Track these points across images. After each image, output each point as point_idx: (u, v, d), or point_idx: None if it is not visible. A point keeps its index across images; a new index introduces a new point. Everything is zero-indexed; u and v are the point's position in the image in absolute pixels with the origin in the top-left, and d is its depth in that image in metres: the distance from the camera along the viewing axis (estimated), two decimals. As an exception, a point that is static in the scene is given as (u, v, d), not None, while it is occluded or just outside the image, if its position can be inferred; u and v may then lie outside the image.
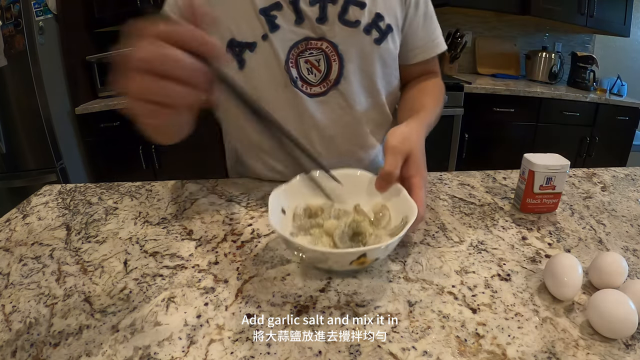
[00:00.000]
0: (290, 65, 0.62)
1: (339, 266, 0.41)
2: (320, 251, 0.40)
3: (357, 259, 0.38)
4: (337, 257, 0.39)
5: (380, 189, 0.48)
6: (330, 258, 0.40)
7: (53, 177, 1.93)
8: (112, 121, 2.02)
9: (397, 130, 0.50)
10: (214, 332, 0.35)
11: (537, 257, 0.46)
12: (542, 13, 2.28)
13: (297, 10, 0.59)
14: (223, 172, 2.20)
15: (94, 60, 2.07)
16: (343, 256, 0.39)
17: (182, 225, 0.54)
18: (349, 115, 0.67)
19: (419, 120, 0.56)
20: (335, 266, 0.41)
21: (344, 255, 0.39)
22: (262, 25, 0.59)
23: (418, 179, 0.47)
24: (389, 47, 0.66)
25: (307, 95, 0.64)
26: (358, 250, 0.38)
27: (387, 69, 0.68)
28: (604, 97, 2.18)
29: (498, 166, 0.76)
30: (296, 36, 0.61)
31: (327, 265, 0.41)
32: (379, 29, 0.63)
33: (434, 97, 0.69)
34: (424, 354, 0.33)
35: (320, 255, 0.40)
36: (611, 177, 0.72)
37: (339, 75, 0.64)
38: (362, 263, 0.40)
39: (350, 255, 0.38)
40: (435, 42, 0.71)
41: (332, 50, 0.62)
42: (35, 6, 1.79)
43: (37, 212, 0.60)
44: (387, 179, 0.47)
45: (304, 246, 0.38)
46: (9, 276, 0.44)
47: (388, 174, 0.47)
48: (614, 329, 0.33)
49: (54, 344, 0.35)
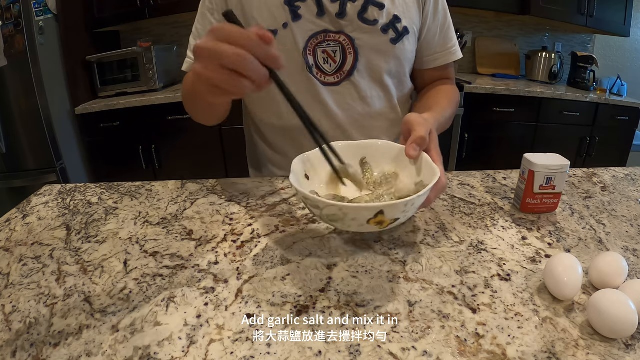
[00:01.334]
0: (308, 52, 0.66)
1: (357, 225, 0.40)
2: (337, 206, 0.38)
3: (374, 217, 0.37)
4: (354, 213, 0.38)
5: (412, 154, 0.47)
6: (348, 214, 0.38)
7: (53, 177, 1.93)
8: (112, 121, 2.02)
9: (413, 113, 0.51)
10: (214, 332, 0.35)
11: (537, 257, 0.46)
12: (542, 13, 2.28)
13: (319, 3, 0.63)
14: (223, 172, 2.21)
15: (94, 60, 2.07)
16: (359, 211, 0.38)
17: (182, 225, 0.54)
18: (360, 108, 0.70)
19: (431, 113, 0.57)
20: (354, 225, 0.40)
21: (360, 210, 0.38)
22: (286, 14, 0.63)
23: (436, 153, 0.48)
24: (404, 47, 0.68)
25: (321, 84, 0.68)
26: (375, 206, 0.37)
27: (401, 69, 0.71)
28: (604, 97, 2.18)
29: (498, 166, 0.76)
30: (316, 27, 0.65)
31: (346, 224, 0.40)
32: (395, 29, 0.66)
33: (449, 98, 0.71)
34: (424, 354, 0.33)
35: (337, 210, 0.38)
36: (611, 177, 0.72)
37: (352, 68, 0.67)
38: (381, 223, 0.38)
39: (366, 211, 0.37)
40: (451, 50, 0.74)
41: (349, 44, 0.66)
42: (35, 6, 1.79)
43: (37, 212, 0.60)
44: (421, 142, 0.47)
45: (321, 200, 0.38)
46: (9, 276, 0.44)
47: (422, 138, 0.47)
48: (614, 329, 0.33)
49: (54, 344, 0.35)
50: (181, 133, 2.04)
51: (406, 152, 0.47)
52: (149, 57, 2.03)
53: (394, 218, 0.39)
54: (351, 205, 0.38)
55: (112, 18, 2.16)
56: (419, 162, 0.48)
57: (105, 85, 2.12)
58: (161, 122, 2.01)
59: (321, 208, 0.39)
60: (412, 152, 0.47)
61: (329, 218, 0.40)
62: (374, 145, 0.53)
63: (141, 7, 2.07)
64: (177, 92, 2.06)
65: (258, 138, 0.79)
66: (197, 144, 2.06)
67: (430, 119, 0.53)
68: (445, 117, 0.65)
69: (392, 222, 0.39)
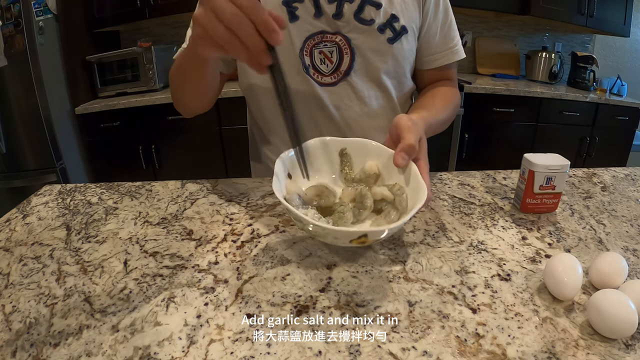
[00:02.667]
0: (305, 53, 0.65)
1: (340, 242, 0.40)
2: (321, 227, 0.38)
3: (357, 238, 0.37)
4: (337, 234, 0.38)
5: (401, 163, 0.45)
6: (330, 234, 0.38)
7: (53, 177, 1.93)
8: (112, 121, 2.02)
9: (403, 115, 0.50)
10: (214, 332, 0.35)
11: (537, 257, 0.46)
12: (542, 13, 2.28)
13: (316, 4, 0.63)
14: (223, 172, 2.21)
15: (94, 60, 2.07)
16: (343, 234, 0.38)
17: (182, 225, 0.54)
18: (357, 108, 0.69)
19: (421, 115, 0.57)
20: (337, 242, 0.40)
21: (344, 234, 0.38)
22: (283, 14, 0.63)
23: (424, 162, 0.47)
24: (402, 47, 0.67)
25: (318, 84, 0.67)
26: (359, 231, 0.37)
27: (399, 69, 0.70)
28: (604, 97, 2.18)
29: (498, 166, 0.76)
30: (313, 28, 0.64)
31: (328, 240, 0.40)
32: (393, 29, 0.65)
33: (445, 101, 0.70)
34: (424, 354, 0.33)
35: (320, 230, 0.38)
36: (611, 177, 0.72)
37: (349, 68, 0.67)
38: (363, 242, 0.39)
39: (350, 235, 0.37)
40: (453, 49, 0.73)
41: (345, 44, 0.65)
42: (35, 6, 1.79)
43: (37, 212, 0.60)
44: (410, 151, 0.45)
45: (305, 218, 0.38)
46: (9, 276, 0.44)
47: (411, 146, 0.45)
48: (614, 329, 0.33)
49: (54, 344, 0.35)
50: (181, 133, 2.04)
51: (394, 160, 0.45)
52: (149, 57, 2.03)
53: (377, 239, 0.40)
54: (335, 228, 0.38)
55: (112, 18, 2.16)
56: (406, 172, 0.47)
57: (105, 85, 2.12)
58: (161, 122, 2.01)
59: (304, 224, 0.39)
60: (400, 161, 0.45)
61: (312, 233, 0.41)
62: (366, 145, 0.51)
63: (141, 7, 2.07)
64: (177, 92, 2.05)
65: (259, 141, 0.79)
66: (197, 144, 2.06)
67: (420, 122, 0.51)
68: (438, 120, 0.63)
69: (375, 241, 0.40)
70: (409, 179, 0.46)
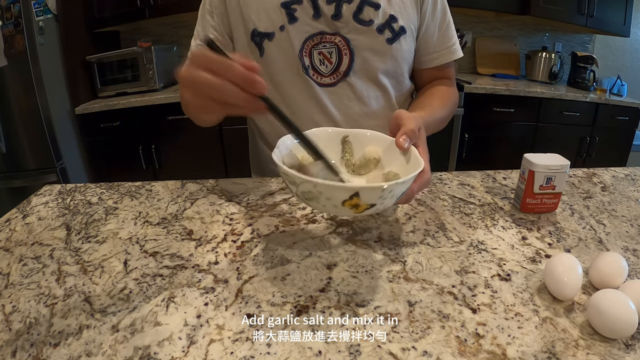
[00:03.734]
0: (304, 54, 0.66)
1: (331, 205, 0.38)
2: (312, 182, 0.37)
3: (349, 199, 0.36)
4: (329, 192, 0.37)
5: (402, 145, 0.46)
6: (323, 192, 0.37)
7: (53, 177, 1.93)
8: (112, 121, 2.02)
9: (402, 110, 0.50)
10: (214, 332, 0.35)
11: (537, 257, 0.46)
12: (542, 13, 2.28)
13: (315, 5, 0.63)
14: (223, 172, 2.21)
15: (94, 60, 2.07)
16: (333, 190, 0.36)
17: (182, 225, 0.54)
18: (357, 108, 0.70)
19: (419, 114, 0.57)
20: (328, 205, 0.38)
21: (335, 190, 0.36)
22: (282, 16, 0.64)
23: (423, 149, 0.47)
24: (401, 47, 0.68)
25: (318, 85, 0.68)
26: (351, 187, 0.36)
27: (398, 69, 0.70)
28: (604, 97, 2.18)
29: (498, 166, 0.76)
30: (312, 29, 0.65)
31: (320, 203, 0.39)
32: (392, 29, 0.66)
33: (443, 100, 0.70)
34: (424, 354, 0.33)
35: (311, 187, 0.37)
36: (611, 177, 0.72)
37: (348, 69, 0.67)
38: (356, 206, 0.37)
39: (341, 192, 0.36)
40: (451, 49, 0.73)
41: (345, 45, 0.65)
42: (35, 6, 1.79)
43: (37, 212, 0.60)
44: (411, 135, 0.46)
45: (297, 175, 0.37)
46: (9, 276, 0.44)
47: (412, 130, 0.46)
48: (614, 329, 0.33)
49: (54, 344, 0.35)
50: (181, 133, 2.04)
51: (397, 142, 0.46)
52: (149, 57, 2.03)
53: (370, 203, 0.37)
54: (326, 183, 0.36)
55: (112, 18, 2.16)
56: (407, 156, 0.47)
57: (105, 85, 2.12)
58: (161, 122, 2.01)
59: (297, 184, 0.38)
60: (401, 142, 0.45)
61: (305, 196, 0.39)
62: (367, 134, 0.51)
63: (141, 7, 2.07)
64: (177, 92, 2.05)
65: (262, 143, 0.79)
66: (197, 144, 2.06)
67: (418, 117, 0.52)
68: (436, 119, 0.64)
69: (368, 208, 0.38)
70: (408, 161, 0.46)
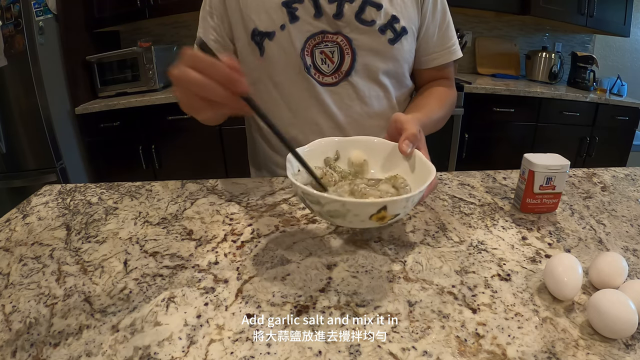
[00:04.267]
0: (306, 53, 0.66)
1: (358, 220, 0.39)
2: (340, 201, 0.37)
3: (377, 212, 0.37)
4: (357, 209, 0.38)
5: (406, 150, 0.47)
6: (351, 210, 0.38)
7: (53, 177, 1.93)
8: (112, 121, 2.02)
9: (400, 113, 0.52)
10: (214, 332, 0.35)
11: (537, 257, 0.46)
12: (542, 13, 2.28)
13: (316, 5, 0.63)
14: (223, 172, 2.21)
15: (94, 60, 2.06)
16: (363, 207, 0.37)
17: (182, 225, 0.54)
18: (358, 108, 0.70)
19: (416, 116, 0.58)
20: (355, 221, 0.39)
21: (364, 207, 0.37)
22: (283, 15, 0.63)
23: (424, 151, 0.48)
24: (402, 48, 0.68)
25: (319, 84, 0.68)
26: (379, 202, 0.37)
27: (399, 69, 0.71)
28: (604, 97, 2.18)
29: (498, 166, 0.76)
30: (313, 28, 0.65)
31: (347, 220, 0.39)
32: (393, 30, 0.66)
33: (440, 100, 0.70)
34: (424, 354, 0.33)
35: (339, 206, 0.38)
36: (611, 177, 0.72)
37: (350, 68, 0.67)
38: (382, 218, 0.38)
39: (370, 207, 0.37)
40: (451, 49, 0.73)
41: (347, 44, 0.65)
42: (35, 6, 1.78)
43: (37, 212, 0.60)
44: (414, 139, 0.47)
45: (323, 196, 0.37)
46: (9, 276, 0.44)
47: (414, 134, 0.47)
48: (614, 329, 0.33)
49: (54, 344, 0.35)
50: (181, 133, 2.04)
51: (400, 147, 0.47)
52: (149, 57, 2.03)
53: (395, 214, 0.39)
54: (355, 201, 0.38)
55: (112, 18, 2.16)
56: (411, 160, 0.48)
57: (105, 85, 2.12)
58: (161, 122, 2.01)
59: (322, 204, 0.38)
60: (405, 148, 0.47)
61: (330, 214, 0.40)
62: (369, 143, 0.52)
63: (141, 7, 2.07)
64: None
65: (259, 137, 0.79)
66: (197, 144, 2.06)
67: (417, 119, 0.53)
68: (433, 120, 0.64)
69: (392, 218, 0.39)
70: (414, 165, 0.47)
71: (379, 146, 0.52)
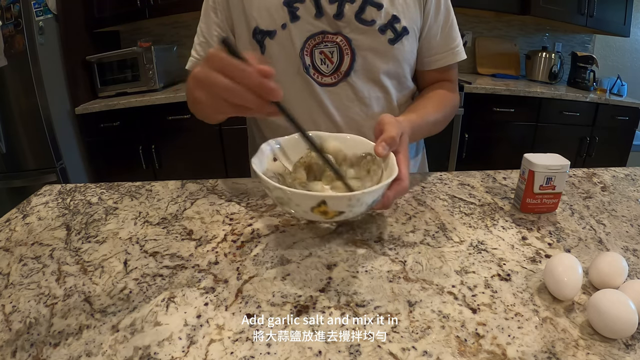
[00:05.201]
0: (305, 53, 0.66)
1: (302, 211, 0.41)
2: (282, 189, 0.39)
3: (317, 206, 0.38)
4: (298, 199, 0.39)
5: (381, 152, 0.47)
6: (292, 199, 0.40)
7: (53, 177, 1.93)
8: (112, 121, 2.02)
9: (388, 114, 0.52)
10: (214, 332, 0.35)
11: (537, 257, 0.46)
12: (542, 13, 2.28)
13: (317, 4, 0.63)
14: (223, 172, 2.21)
15: (94, 60, 2.07)
16: (302, 198, 0.39)
17: (182, 225, 0.54)
18: (357, 108, 0.70)
19: (409, 117, 0.59)
20: (299, 210, 0.41)
21: (303, 198, 0.39)
22: (284, 15, 0.64)
23: (403, 156, 0.49)
24: (403, 48, 0.67)
25: (318, 84, 0.68)
26: (317, 195, 0.38)
27: (400, 70, 0.70)
28: (604, 97, 2.18)
29: (498, 166, 0.76)
30: (314, 28, 0.65)
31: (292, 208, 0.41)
32: (394, 30, 0.65)
33: (439, 103, 0.70)
34: (424, 354, 0.33)
35: (282, 194, 0.40)
36: (611, 177, 0.72)
37: (349, 69, 0.67)
38: (325, 213, 0.39)
39: (309, 200, 0.38)
40: (454, 51, 0.72)
41: (346, 44, 0.65)
42: (35, 6, 1.79)
43: (37, 212, 0.60)
44: (390, 142, 0.47)
45: (270, 183, 0.39)
46: (9, 276, 0.44)
47: (391, 137, 0.47)
48: (614, 329, 0.33)
49: (54, 344, 0.35)
50: (181, 133, 2.04)
51: (375, 149, 0.48)
52: (149, 57, 2.03)
53: (338, 210, 0.40)
54: (294, 191, 0.39)
55: (112, 18, 2.16)
56: (385, 162, 0.49)
57: (105, 85, 2.12)
58: (161, 122, 2.01)
59: (270, 190, 0.41)
60: (380, 150, 0.47)
61: (278, 200, 0.42)
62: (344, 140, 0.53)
63: (141, 7, 2.07)
64: (177, 92, 2.06)
65: (260, 137, 0.79)
66: (197, 144, 2.06)
67: (404, 122, 0.53)
68: (428, 122, 0.64)
69: (338, 215, 0.40)
70: (387, 167, 0.48)
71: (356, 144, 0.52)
